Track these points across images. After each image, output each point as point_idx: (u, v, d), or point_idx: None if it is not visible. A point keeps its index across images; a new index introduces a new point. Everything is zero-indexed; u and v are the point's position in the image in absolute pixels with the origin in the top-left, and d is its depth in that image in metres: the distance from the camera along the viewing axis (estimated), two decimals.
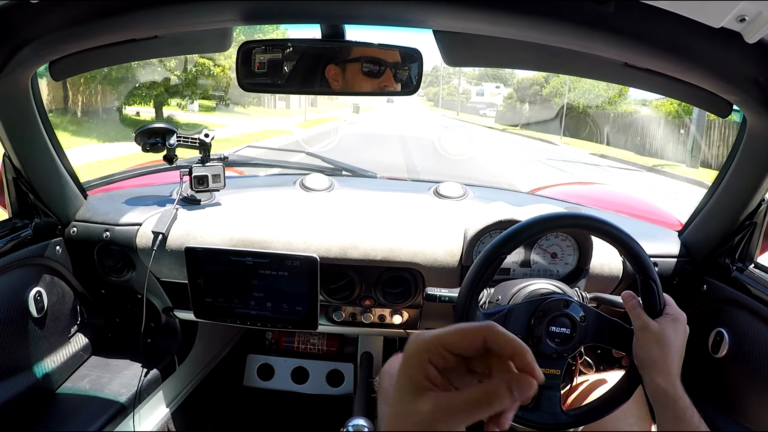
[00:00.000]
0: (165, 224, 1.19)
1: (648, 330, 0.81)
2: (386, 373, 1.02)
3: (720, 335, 1.07)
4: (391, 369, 1.02)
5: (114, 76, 11.11)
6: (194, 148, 1.29)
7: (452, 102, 55.78)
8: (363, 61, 0.92)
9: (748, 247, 1.09)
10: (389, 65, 0.92)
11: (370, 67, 0.92)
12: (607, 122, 18.82)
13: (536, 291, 0.94)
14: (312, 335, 1.87)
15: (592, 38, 0.75)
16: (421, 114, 38.71)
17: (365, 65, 0.92)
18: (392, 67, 0.92)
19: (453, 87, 64.82)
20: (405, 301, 1.22)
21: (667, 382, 0.78)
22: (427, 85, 71.67)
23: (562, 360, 0.87)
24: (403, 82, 0.94)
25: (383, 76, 0.92)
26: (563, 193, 1.92)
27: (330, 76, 0.92)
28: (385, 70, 0.92)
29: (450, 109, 49.74)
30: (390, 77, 0.92)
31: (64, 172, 1.19)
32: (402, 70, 0.93)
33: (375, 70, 0.92)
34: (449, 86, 66.16)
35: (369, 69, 0.92)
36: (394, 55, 0.92)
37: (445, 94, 63.00)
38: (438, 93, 65.15)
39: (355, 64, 0.92)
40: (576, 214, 0.94)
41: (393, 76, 0.93)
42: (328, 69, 0.92)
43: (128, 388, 1.23)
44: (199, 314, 1.21)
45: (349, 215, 1.27)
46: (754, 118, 0.89)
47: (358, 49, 0.92)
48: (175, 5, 0.75)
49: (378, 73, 0.92)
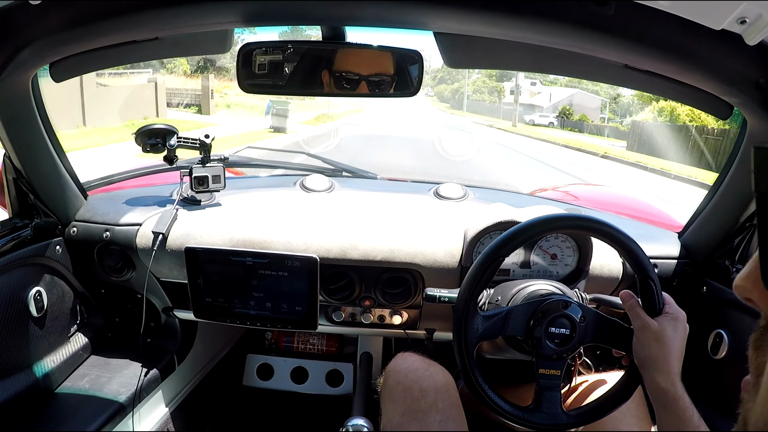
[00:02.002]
0: (165, 224, 1.20)
1: (648, 329, 0.81)
2: (391, 371, 1.02)
3: (719, 337, 1.07)
4: (397, 367, 1.02)
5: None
6: (194, 148, 1.29)
7: (482, 104, 44.91)
8: (352, 72, 0.93)
9: (748, 249, 1.09)
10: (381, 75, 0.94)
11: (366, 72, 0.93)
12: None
13: (536, 292, 0.94)
14: (311, 335, 1.87)
15: (593, 40, 0.75)
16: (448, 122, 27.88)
17: (354, 74, 0.93)
18: (386, 75, 0.93)
19: (480, 82, 50.66)
20: (405, 302, 1.22)
21: (667, 381, 0.78)
22: (438, 83, 62.54)
23: (561, 361, 0.87)
24: (403, 85, 0.94)
25: (375, 86, 0.94)
26: (563, 194, 1.92)
27: (325, 81, 0.93)
28: (378, 79, 0.93)
29: (478, 113, 39.91)
30: (381, 86, 0.95)
31: (65, 173, 1.20)
32: (401, 74, 0.93)
33: (373, 75, 0.93)
34: (472, 83, 51.64)
35: (365, 74, 0.93)
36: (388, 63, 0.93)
37: (471, 92, 50.11)
38: (459, 91, 51.71)
39: (348, 73, 0.93)
40: (575, 215, 0.94)
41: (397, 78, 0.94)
42: (324, 73, 0.93)
43: (128, 387, 1.23)
44: (198, 314, 1.21)
45: (349, 216, 1.27)
46: (755, 120, 0.89)
47: (353, 57, 0.93)
48: (176, 7, 0.75)
49: (372, 81, 0.93)
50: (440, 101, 59.01)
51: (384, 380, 1.03)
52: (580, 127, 31.21)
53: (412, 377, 0.97)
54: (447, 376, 1.00)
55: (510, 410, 0.86)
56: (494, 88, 49.95)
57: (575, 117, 34.49)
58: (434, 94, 63.15)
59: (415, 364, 1.01)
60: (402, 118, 24.10)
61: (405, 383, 0.97)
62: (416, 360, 1.02)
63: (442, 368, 1.02)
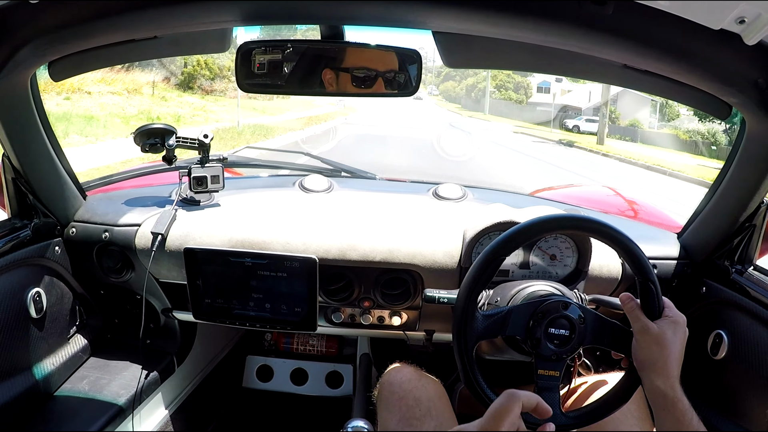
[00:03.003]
0: (164, 225, 1.19)
1: (647, 332, 0.81)
2: (386, 383, 1.05)
3: (719, 337, 1.07)
4: (391, 378, 1.04)
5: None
6: (193, 149, 1.29)
7: (507, 105, 35.41)
8: (353, 71, 0.93)
9: (747, 250, 1.09)
10: (381, 74, 0.93)
11: (364, 72, 0.93)
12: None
13: (535, 293, 0.94)
14: (311, 336, 1.87)
15: (591, 40, 0.75)
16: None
17: (357, 72, 0.93)
18: (396, 68, 0.93)
19: (504, 76, 37.16)
20: (404, 303, 1.21)
21: (666, 384, 0.78)
22: (444, 80, 53.29)
23: (561, 362, 0.87)
24: (401, 84, 0.94)
25: (375, 86, 0.94)
26: (563, 195, 1.93)
27: (326, 80, 0.93)
28: (377, 79, 0.93)
29: (504, 116, 30.84)
30: (381, 86, 0.94)
31: (64, 173, 1.19)
32: (406, 72, 0.93)
33: (372, 75, 0.93)
34: (493, 77, 37.73)
35: (364, 75, 0.93)
36: (395, 57, 0.92)
37: (493, 88, 38.18)
38: (476, 87, 40.58)
39: (347, 73, 0.93)
40: (575, 216, 0.94)
41: (397, 77, 0.94)
42: (324, 73, 0.93)
43: (127, 389, 1.23)
44: (198, 315, 1.20)
45: (348, 216, 1.27)
46: (753, 120, 0.89)
47: (352, 56, 0.92)
48: (175, 6, 0.75)
49: (371, 80, 0.93)
50: (447, 101, 50.45)
51: (379, 391, 1.07)
52: (632, 135, 24.48)
53: (406, 387, 1.02)
54: (439, 386, 1.05)
55: None
56: (520, 84, 38.21)
57: (622, 122, 27.06)
58: (439, 92, 55.30)
59: (408, 375, 1.05)
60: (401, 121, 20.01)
61: (399, 393, 1.01)
62: (409, 371, 1.06)
63: (434, 379, 1.07)
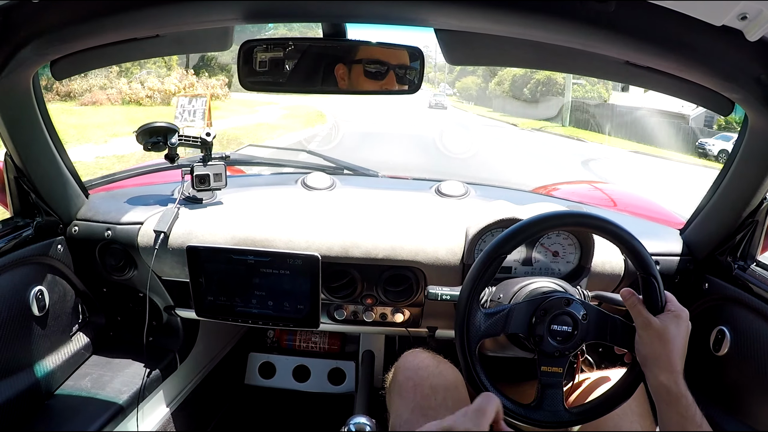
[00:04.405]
0: (167, 223, 1.20)
1: (650, 327, 0.81)
2: (401, 368, 1.02)
3: (721, 333, 1.07)
4: (407, 363, 1.02)
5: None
6: (196, 147, 1.29)
7: (548, 104, 26.19)
8: (366, 62, 0.92)
9: (749, 246, 1.09)
10: (392, 67, 0.92)
11: (376, 68, 0.92)
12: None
13: (538, 289, 0.94)
14: (313, 334, 1.88)
15: (594, 37, 0.75)
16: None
17: (369, 66, 0.92)
18: (396, 69, 0.93)
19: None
20: (406, 300, 1.22)
21: (670, 379, 0.78)
22: (459, 76, 47.48)
23: (564, 358, 0.87)
24: (411, 81, 0.94)
25: (386, 78, 0.93)
26: (565, 191, 1.92)
27: (339, 75, 0.93)
28: (389, 72, 0.93)
29: (583, 127, 21.74)
30: (393, 79, 0.93)
31: (66, 171, 1.20)
32: (408, 71, 0.93)
33: (383, 70, 0.93)
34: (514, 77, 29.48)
35: (376, 70, 0.92)
36: (398, 56, 0.92)
37: (534, 82, 27.76)
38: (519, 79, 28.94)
39: (360, 65, 0.92)
40: (577, 212, 0.94)
41: (397, 77, 0.93)
42: (338, 68, 0.92)
43: (130, 386, 1.23)
44: (200, 313, 1.21)
45: (351, 214, 1.27)
46: (756, 116, 0.89)
47: (364, 49, 0.92)
48: (177, 4, 0.75)
49: (383, 74, 0.93)
50: (463, 100, 43.65)
51: (393, 376, 1.03)
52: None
53: (422, 374, 0.97)
54: (456, 374, 1.00)
55: (512, 408, 0.86)
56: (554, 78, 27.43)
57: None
58: (456, 91, 47.94)
59: (426, 361, 1.01)
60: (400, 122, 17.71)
61: (415, 380, 0.97)
62: (426, 357, 1.02)
63: (451, 366, 1.02)
